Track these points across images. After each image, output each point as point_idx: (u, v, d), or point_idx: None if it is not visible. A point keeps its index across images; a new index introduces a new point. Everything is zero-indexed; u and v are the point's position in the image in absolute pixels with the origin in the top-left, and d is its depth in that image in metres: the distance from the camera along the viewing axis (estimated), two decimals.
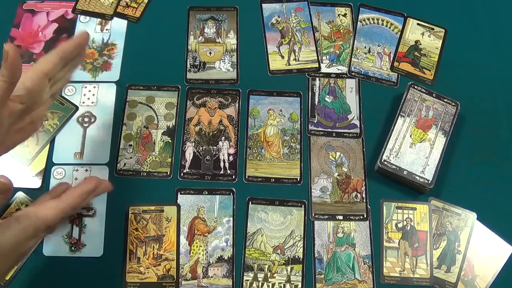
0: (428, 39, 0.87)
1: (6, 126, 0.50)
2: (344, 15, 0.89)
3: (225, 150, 0.75)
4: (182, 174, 0.74)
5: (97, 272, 0.69)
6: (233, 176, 0.74)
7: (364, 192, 0.75)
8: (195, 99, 0.78)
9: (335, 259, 0.71)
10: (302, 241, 0.71)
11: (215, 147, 0.75)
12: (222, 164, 0.74)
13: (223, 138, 0.76)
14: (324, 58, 0.85)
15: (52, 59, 0.55)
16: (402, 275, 0.70)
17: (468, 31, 0.88)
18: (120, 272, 0.69)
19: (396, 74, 0.84)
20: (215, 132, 0.76)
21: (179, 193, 0.73)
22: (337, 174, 0.76)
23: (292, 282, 0.69)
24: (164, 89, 0.81)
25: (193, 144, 0.75)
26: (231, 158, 0.74)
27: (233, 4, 0.89)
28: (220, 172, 0.74)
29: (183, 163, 0.74)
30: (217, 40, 0.86)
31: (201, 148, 0.75)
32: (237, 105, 0.78)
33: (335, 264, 0.70)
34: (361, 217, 0.73)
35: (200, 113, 0.77)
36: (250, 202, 0.73)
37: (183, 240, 0.71)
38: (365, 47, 0.86)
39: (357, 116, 0.80)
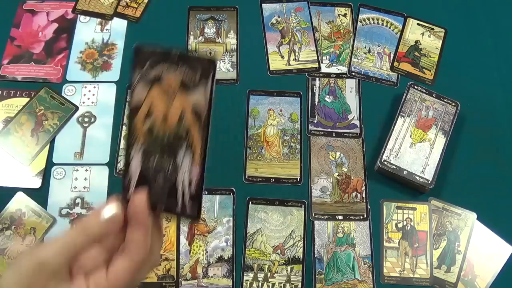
0: (428, 39, 0.87)
1: None
2: (344, 15, 0.89)
3: (186, 168, 0.42)
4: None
5: None
6: (195, 212, 0.42)
7: (364, 192, 0.75)
8: (146, 67, 0.41)
9: (335, 259, 0.71)
10: (302, 241, 0.71)
11: (171, 161, 0.42)
12: (180, 191, 0.42)
13: (183, 146, 0.41)
14: (324, 58, 0.85)
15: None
16: (402, 275, 0.70)
17: (468, 31, 0.88)
18: None
19: (396, 74, 0.84)
20: (172, 134, 0.42)
21: None
22: (337, 174, 0.76)
23: (292, 282, 0.69)
24: None
25: (141, 152, 0.42)
26: (193, 186, 0.41)
27: (233, 4, 0.88)
28: (177, 207, 0.42)
29: (126, 183, 0.42)
30: (217, 40, 0.86)
31: (151, 158, 0.42)
32: (209, 85, 0.41)
33: (335, 264, 0.70)
34: (361, 217, 0.73)
35: (152, 96, 0.42)
36: (250, 202, 0.73)
37: (183, 240, 0.71)
38: (365, 47, 0.86)
39: (357, 116, 0.80)
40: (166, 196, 0.42)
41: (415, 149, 0.74)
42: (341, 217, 0.73)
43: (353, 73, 0.83)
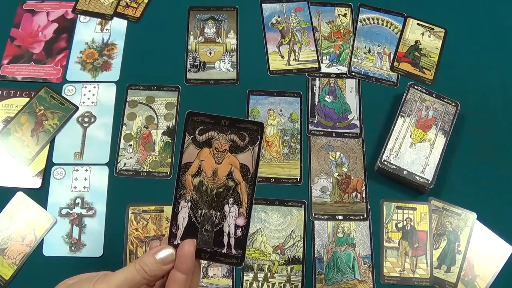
0: (428, 39, 0.87)
1: None
2: (344, 15, 0.89)
3: (232, 219, 0.50)
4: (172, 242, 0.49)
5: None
6: (239, 259, 0.49)
7: (364, 192, 0.75)
8: (197, 132, 0.49)
9: (335, 259, 0.71)
10: (302, 241, 0.71)
11: (218, 213, 0.50)
12: (226, 240, 0.49)
13: (231, 200, 0.49)
14: (324, 58, 0.85)
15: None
16: (402, 275, 0.70)
17: (468, 31, 0.88)
18: None
19: (396, 74, 0.84)
20: (220, 189, 0.50)
21: None
22: (337, 174, 0.76)
23: (292, 282, 0.69)
24: (164, 89, 0.81)
25: (189, 204, 0.50)
26: (239, 232, 0.49)
27: (233, 4, 0.88)
28: (223, 251, 0.49)
29: (174, 230, 0.49)
30: (217, 40, 0.86)
31: (199, 212, 0.49)
32: (256, 149, 0.49)
33: (335, 264, 0.70)
34: (361, 217, 0.73)
35: (202, 157, 0.49)
36: None
37: None
38: (365, 47, 0.86)
39: (357, 116, 0.80)
40: (211, 245, 0.48)
41: (415, 149, 0.74)
42: (341, 217, 0.73)
43: (353, 73, 0.83)
